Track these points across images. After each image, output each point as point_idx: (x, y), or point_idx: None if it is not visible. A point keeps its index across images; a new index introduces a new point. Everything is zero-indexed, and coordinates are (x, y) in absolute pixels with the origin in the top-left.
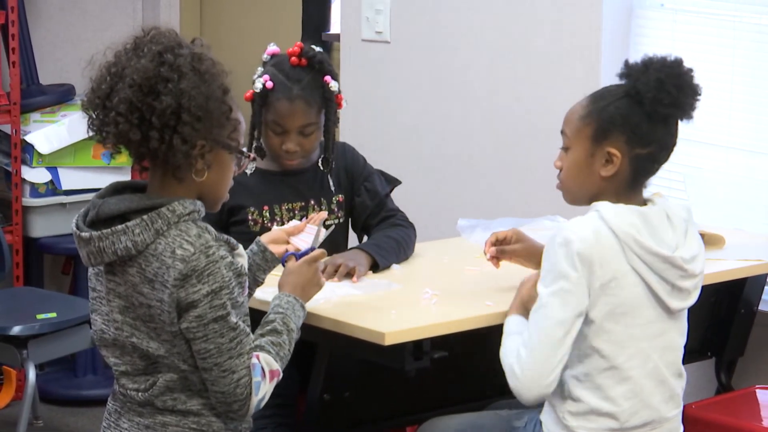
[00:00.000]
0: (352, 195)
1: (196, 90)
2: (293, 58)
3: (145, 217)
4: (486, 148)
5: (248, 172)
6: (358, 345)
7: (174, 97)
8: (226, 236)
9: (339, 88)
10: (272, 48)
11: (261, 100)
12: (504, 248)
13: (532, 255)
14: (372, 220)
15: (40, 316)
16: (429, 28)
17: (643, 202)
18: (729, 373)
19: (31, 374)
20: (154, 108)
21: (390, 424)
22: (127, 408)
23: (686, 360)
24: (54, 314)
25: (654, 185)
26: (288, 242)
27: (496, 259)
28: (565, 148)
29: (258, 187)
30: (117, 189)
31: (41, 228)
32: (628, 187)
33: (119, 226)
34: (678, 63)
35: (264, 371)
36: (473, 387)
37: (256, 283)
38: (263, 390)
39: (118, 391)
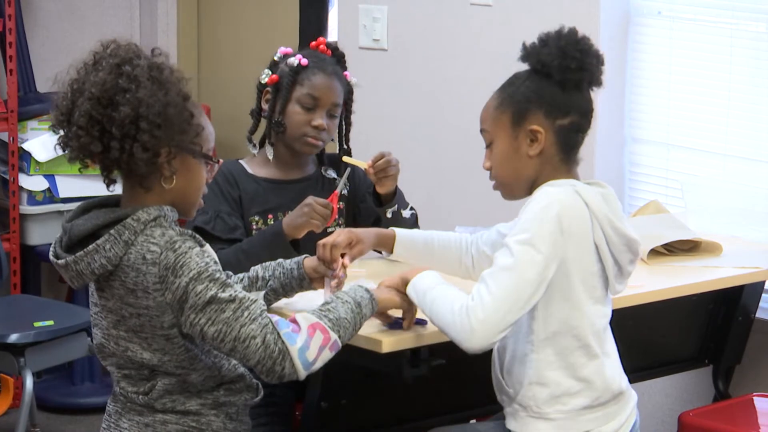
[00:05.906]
0: (356, 203)
1: (154, 98)
2: (321, 47)
3: (112, 231)
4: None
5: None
6: (356, 352)
7: (131, 106)
8: (190, 232)
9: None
10: (284, 48)
11: (293, 76)
12: (352, 254)
13: (372, 243)
14: (379, 225)
15: (37, 324)
16: (426, 36)
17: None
18: (726, 381)
19: (29, 382)
20: (113, 118)
21: None
22: (127, 408)
23: (684, 367)
24: (51, 322)
25: (652, 192)
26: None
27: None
28: (489, 145)
29: (262, 196)
30: (85, 209)
31: (38, 236)
32: (562, 162)
33: (90, 246)
34: (574, 31)
35: (297, 322)
36: (471, 395)
37: (276, 294)
38: (300, 340)
39: (119, 393)
